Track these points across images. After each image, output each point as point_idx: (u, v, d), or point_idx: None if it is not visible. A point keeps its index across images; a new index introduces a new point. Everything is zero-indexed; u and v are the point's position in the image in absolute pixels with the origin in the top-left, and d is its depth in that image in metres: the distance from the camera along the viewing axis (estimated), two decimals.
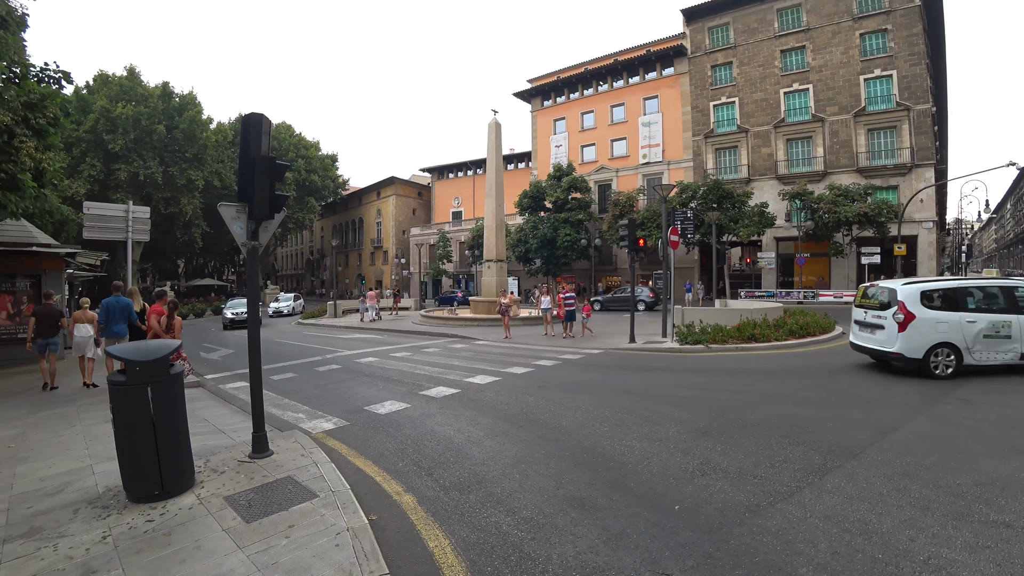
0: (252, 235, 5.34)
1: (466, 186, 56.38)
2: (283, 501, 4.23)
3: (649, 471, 4.85)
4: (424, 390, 8.82)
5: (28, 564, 3.44)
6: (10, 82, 11.35)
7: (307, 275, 74.89)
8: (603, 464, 5.08)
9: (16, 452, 5.98)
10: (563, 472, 4.90)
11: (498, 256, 24.98)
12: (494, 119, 25.54)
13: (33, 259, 13.78)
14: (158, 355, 4.34)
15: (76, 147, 37.20)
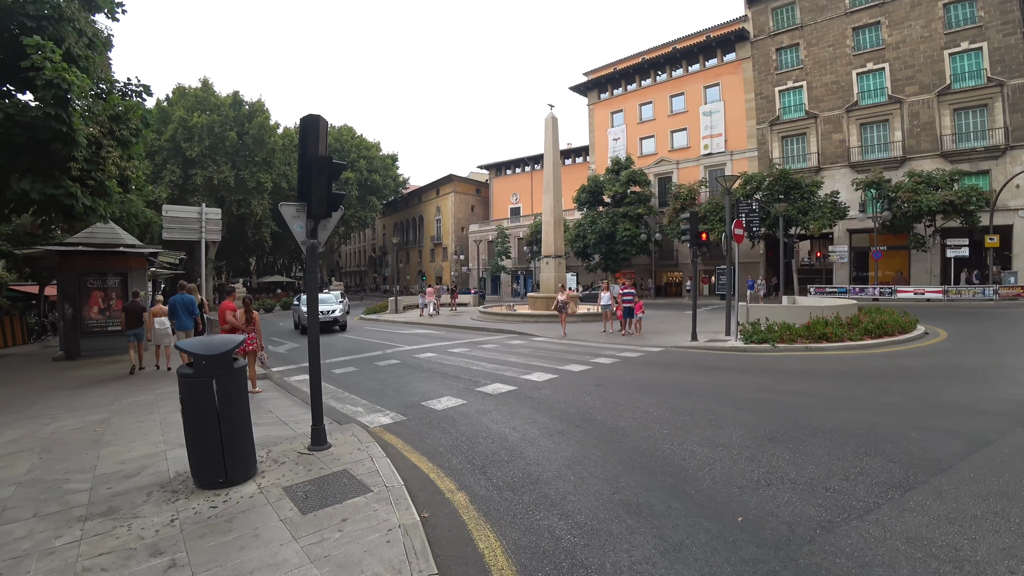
0: (311, 233, 5.46)
1: (524, 182, 56.41)
2: (338, 494, 4.29)
3: (711, 478, 4.59)
4: (480, 386, 8.82)
5: (104, 541, 3.68)
6: (98, 97, 12.27)
7: (369, 271, 77.40)
8: (662, 469, 4.86)
9: (101, 436, 6.45)
10: (620, 475, 4.72)
11: (556, 252, 24.77)
12: (550, 114, 25.33)
13: (120, 259, 14.86)
14: (223, 350, 4.52)
15: (158, 155, 40.04)
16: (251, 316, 8.82)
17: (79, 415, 7.72)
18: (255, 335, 8.77)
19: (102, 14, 12.26)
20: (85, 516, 4.13)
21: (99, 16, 12.30)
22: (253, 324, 8.79)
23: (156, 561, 3.38)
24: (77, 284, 14.47)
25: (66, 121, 9.93)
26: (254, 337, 8.76)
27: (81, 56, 11.02)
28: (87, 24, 11.58)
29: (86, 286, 14.57)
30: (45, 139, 10.00)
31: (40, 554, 3.57)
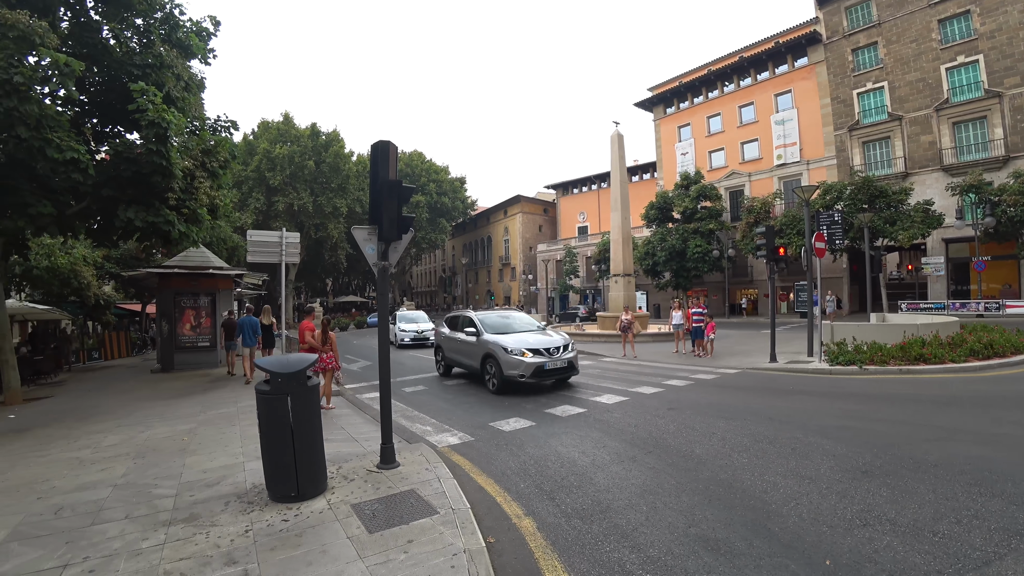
0: (382, 255, 5.60)
1: (591, 200, 56.15)
2: (404, 514, 4.28)
3: (797, 514, 4.19)
4: (549, 408, 8.66)
5: (184, 547, 3.86)
6: (192, 134, 13.41)
7: (440, 291, 79.31)
8: (742, 502, 4.50)
9: (187, 445, 6.87)
10: (695, 507, 4.42)
11: (625, 270, 24.31)
12: (616, 131, 25.12)
13: (210, 280, 16.04)
14: (297, 368, 4.68)
15: (245, 184, 43.29)
16: (327, 335, 9.14)
17: (170, 424, 8.29)
18: (332, 353, 9.07)
19: (196, 60, 13.48)
20: (170, 521, 4.37)
21: (194, 62, 13.52)
22: (330, 343, 9.09)
23: (230, 570, 3.49)
24: (173, 303, 15.73)
25: (165, 156, 10.90)
26: (331, 356, 9.06)
27: (178, 98, 12.12)
28: (183, 69, 12.75)
29: (180, 305, 15.80)
30: (147, 173, 11.00)
31: (128, 554, 3.80)
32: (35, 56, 9.57)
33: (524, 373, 9.80)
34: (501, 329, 11.37)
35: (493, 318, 12.16)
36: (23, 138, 9.34)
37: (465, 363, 11.82)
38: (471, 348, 11.34)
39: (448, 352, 12.74)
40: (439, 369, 13.33)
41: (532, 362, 9.81)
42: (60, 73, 9.60)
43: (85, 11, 12.00)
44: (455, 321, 12.79)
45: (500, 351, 10.17)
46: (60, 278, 19.04)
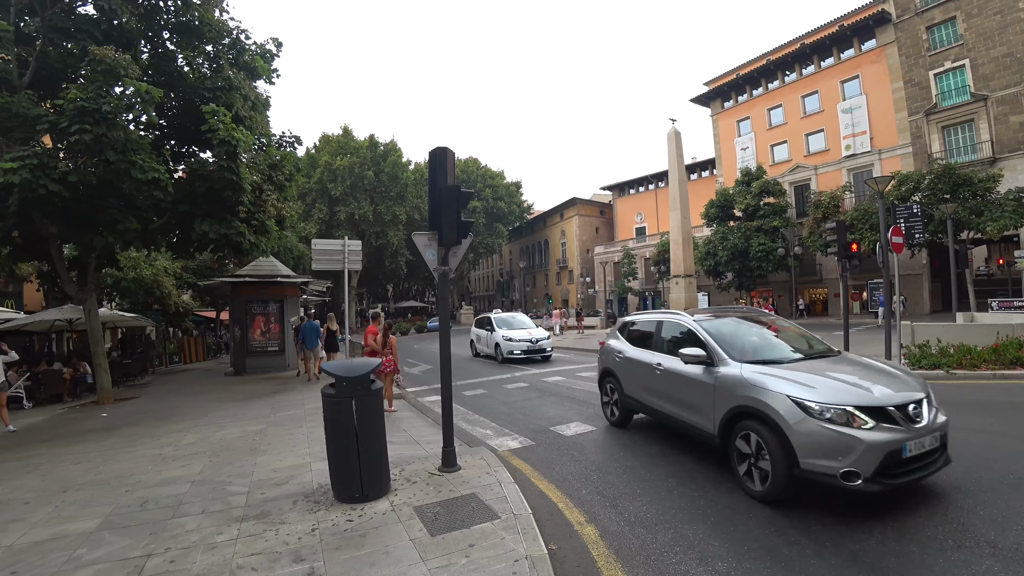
0: (442, 260, 5.69)
1: (648, 201, 55.14)
2: (466, 518, 4.30)
3: (879, 531, 3.89)
4: None
5: (256, 543, 4.04)
6: (259, 150, 14.16)
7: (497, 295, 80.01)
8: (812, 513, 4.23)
9: (258, 445, 7.22)
10: (774, 519, 4.19)
11: (686, 271, 23.61)
12: (672, 128, 24.49)
13: (278, 287, 16.85)
14: (361, 372, 4.81)
15: (308, 196, 45.42)
16: (387, 341, 9.36)
17: (242, 425, 8.74)
18: (391, 357, 9.28)
19: (261, 80, 14.25)
20: (242, 517, 4.58)
21: (259, 82, 14.30)
22: (390, 347, 9.30)
23: (297, 567, 3.61)
24: (244, 310, 16.63)
25: (235, 172, 11.58)
26: (391, 359, 9.27)
27: (246, 117, 12.84)
28: (250, 90, 13.52)
29: (251, 312, 16.69)
30: (219, 188, 11.71)
31: (204, 547, 4.02)
32: (120, 86, 10.38)
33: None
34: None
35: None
36: (111, 161, 10.15)
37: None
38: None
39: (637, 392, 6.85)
40: (609, 415, 7.69)
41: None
42: (142, 100, 10.39)
43: (162, 43, 12.96)
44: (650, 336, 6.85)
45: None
46: (145, 288, 20.63)
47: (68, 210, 10.81)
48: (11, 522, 4.87)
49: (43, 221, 11.12)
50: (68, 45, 11.32)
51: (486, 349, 18.57)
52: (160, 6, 12.27)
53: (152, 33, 12.59)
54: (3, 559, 4.07)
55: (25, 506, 5.33)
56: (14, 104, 10.04)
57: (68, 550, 4.13)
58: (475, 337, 19.95)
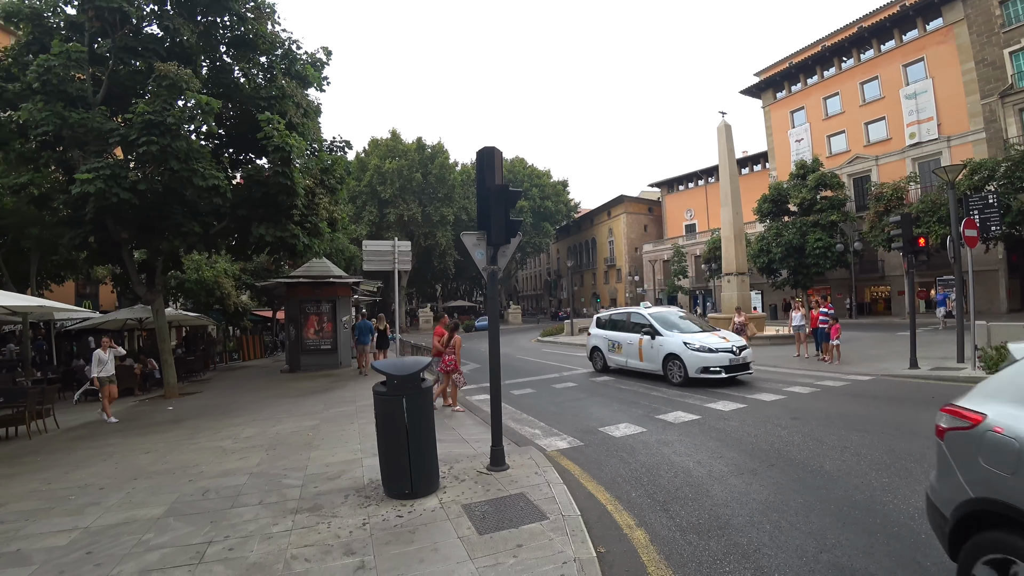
0: (491, 260, 5.71)
1: (698, 197, 53.78)
2: (514, 518, 4.28)
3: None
4: (660, 414, 8.33)
5: (309, 534, 4.17)
6: (311, 155, 14.66)
7: (545, 295, 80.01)
8: (884, 528, 3.96)
9: (312, 440, 7.45)
10: (827, 530, 3.96)
11: (738, 269, 22.87)
12: (722, 121, 23.77)
13: (331, 288, 17.39)
14: (412, 371, 4.87)
15: (359, 199, 46.79)
16: (451, 341, 9.49)
17: (296, 420, 9.06)
18: (453, 356, 9.37)
19: (312, 88, 14.74)
20: (296, 509, 4.73)
21: (310, 90, 14.79)
22: (453, 346, 9.40)
23: (348, 560, 3.69)
24: (299, 309, 17.24)
25: (289, 177, 12.04)
26: (452, 358, 9.35)
27: (299, 124, 13.32)
28: (302, 98, 14.02)
29: (305, 311, 17.30)
30: (274, 193, 12.21)
31: (261, 537, 4.17)
32: (182, 99, 10.99)
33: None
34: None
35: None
36: (175, 170, 10.77)
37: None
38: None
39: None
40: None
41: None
42: (202, 112, 10.98)
43: (220, 57, 13.64)
44: None
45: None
46: (206, 289, 21.76)
47: (138, 216, 11.54)
48: (88, 506, 5.22)
49: (116, 227, 11.90)
50: (136, 63, 12.06)
51: (641, 363, 12.13)
52: (217, 22, 12.91)
53: (210, 48, 13.25)
54: (80, 539, 4.37)
55: (100, 491, 5.70)
56: (89, 119, 10.79)
57: (137, 534, 4.39)
58: (605, 344, 13.53)
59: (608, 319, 14.07)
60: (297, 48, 14.22)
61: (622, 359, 12.81)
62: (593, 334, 14.16)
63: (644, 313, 12.58)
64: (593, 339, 14.13)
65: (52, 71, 10.43)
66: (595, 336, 14.05)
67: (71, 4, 11.84)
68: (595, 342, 13.99)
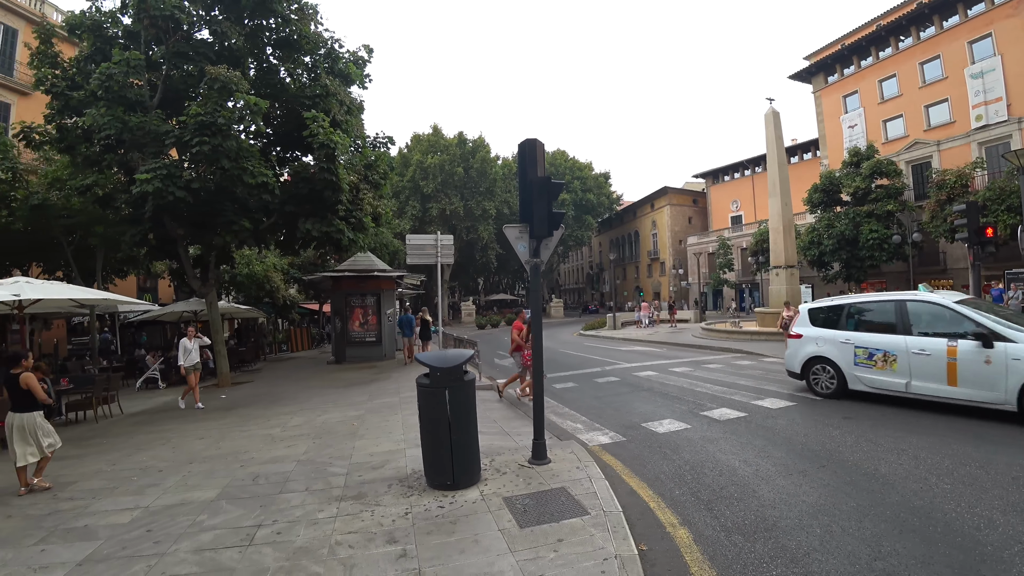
0: (534, 252, 5.69)
1: (744, 188, 52.13)
2: (555, 512, 4.27)
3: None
4: (705, 410, 8.14)
5: (353, 522, 4.28)
6: (355, 151, 14.97)
7: (587, 288, 79.51)
8: (945, 537, 3.72)
9: (356, 430, 7.65)
10: (883, 537, 3.76)
11: (787, 262, 22.08)
12: (770, 109, 22.93)
13: (375, 281, 17.79)
14: (455, 363, 4.92)
15: (402, 194, 47.63)
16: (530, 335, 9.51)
17: (342, 410, 9.32)
18: None
19: (355, 86, 15.02)
20: (341, 497, 4.87)
21: (353, 88, 15.06)
22: None
23: (390, 548, 3.77)
24: (344, 302, 17.71)
25: (334, 173, 12.35)
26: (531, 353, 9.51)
27: (342, 121, 13.62)
28: (345, 95, 14.31)
29: (350, 304, 17.75)
30: (320, 189, 12.54)
31: (307, 522, 4.31)
32: (231, 101, 11.41)
33: None
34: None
35: None
36: (226, 168, 11.20)
37: None
38: None
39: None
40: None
41: None
42: (251, 112, 11.39)
43: (266, 58, 14.09)
44: None
45: None
46: (256, 283, 22.63)
47: (192, 214, 12.09)
48: (148, 487, 5.54)
49: (172, 224, 12.49)
50: (188, 68, 12.59)
51: (951, 390, 7.11)
52: (263, 25, 13.33)
53: (257, 50, 13.70)
54: (141, 518, 4.65)
55: (159, 473, 6.04)
56: (147, 123, 11.36)
57: (192, 515, 4.63)
58: (846, 353, 8.35)
59: (845, 309, 8.79)
60: (339, 47, 14.53)
61: (892, 379, 7.76)
62: (808, 335, 8.99)
63: (950, 304, 7.36)
64: (810, 344, 8.91)
65: (113, 78, 11.02)
66: (816, 339, 8.83)
67: (128, 14, 12.45)
68: (819, 349, 8.73)
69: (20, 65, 21.13)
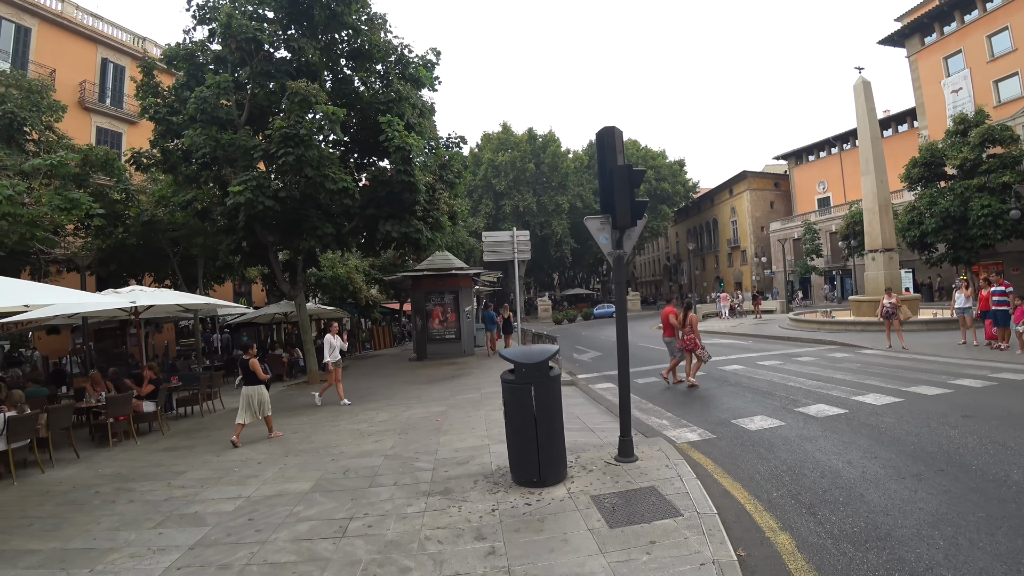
0: (616, 244, 5.52)
1: (831, 167, 48.37)
2: (645, 512, 4.09)
3: None
4: (800, 407, 7.58)
5: (441, 517, 4.31)
6: (429, 153, 15.31)
7: (664, 280, 77.32)
8: None
9: (441, 425, 7.79)
10: (1021, 554, 3.27)
11: (885, 244, 20.19)
12: (859, 79, 21.05)
13: (453, 279, 18.19)
14: (541, 359, 4.84)
15: (475, 192, 48.63)
16: (687, 319, 9.77)
17: (425, 406, 9.55)
18: (693, 335, 9.65)
19: (426, 89, 15.34)
20: (428, 492, 4.93)
21: (424, 91, 15.39)
22: (690, 324, 9.68)
23: (479, 545, 3.75)
24: (424, 301, 18.22)
25: (411, 175, 12.70)
26: (692, 337, 9.65)
27: (416, 124, 13.97)
28: (417, 99, 14.69)
29: (430, 302, 18.26)
30: (398, 191, 12.94)
31: (397, 517, 4.39)
32: (311, 112, 12.01)
33: None
34: None
35: None
36: (309, 176, 11.83)
37: None
38: None
39: None
40: None
41: None
42: (330, 121, 11.95)
43: (340, 69, 14.73)
44: None
45: None
46: (340, 284, 23.80)
47: (280, 221, 12.89)
48: (249, 477, 5.91)
49: (262, 232, 13.36)
50: (270, 85, 13.38)
51: None
52: (336, 38, 13.96)
53: (331, 62, 14.35)
54: (244, 507, 4.95)
55: (258, 465, 6.43)
56: (237, 139, 12.23)
57: (289, 506, 4.86)
58: None
59: None
60: (409, 52, 14.88)
61: None
62: None
63: None
64: None
65: (207, 100, 11.97)
66: None
67: (215, 41, 13.48)
68: None
69: (128, 97, 23.59)
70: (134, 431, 8.78)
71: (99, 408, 8.70)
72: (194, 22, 13.60)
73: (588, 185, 52.81)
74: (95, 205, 11.82)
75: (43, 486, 6.26)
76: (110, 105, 23.88)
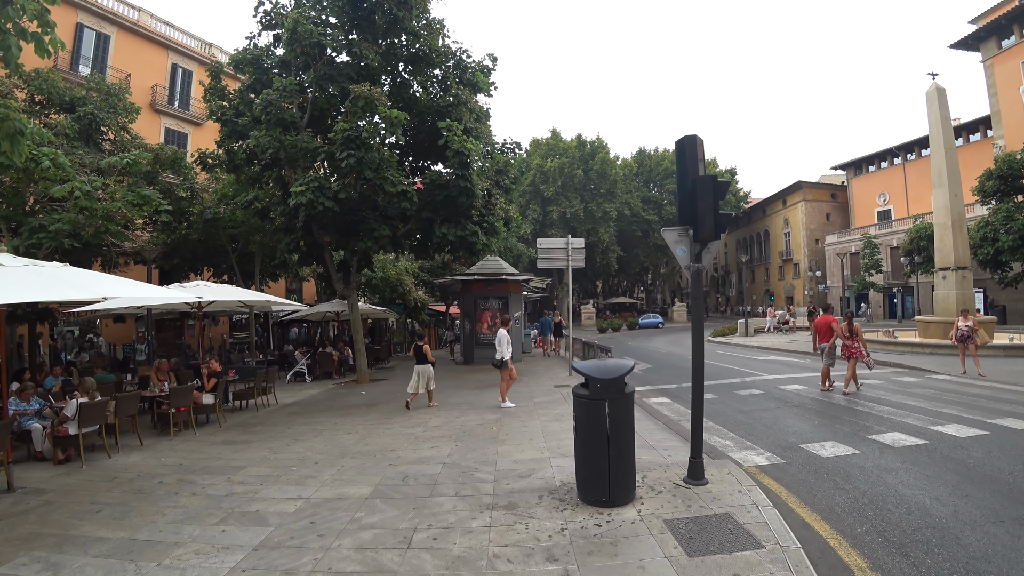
0: (696, 257, 5.26)
1: (894, 178, 45.81)
2: (724, 542, 3.79)
3: None
4: (873, 434, 7.02)
5: (508, 534, 4.11)
6: (486, 157, 15.30)
7: (712, 292, 75.29)
8: None
9: (496, 434, 7.60)
10: None
11: (958, 262, 18.80)
12: (933, 85, 19.75)
13: (503, 285, 18.10)
14: (616, 374, 4.60)
15: (523, 197, 48.69)
16: (853, 328, 10.27)
17: (479, 413, 9.41)
18: (858, 343, 10.17)
19: (482, 94, 15.36)
20: (492, 505, 4.73)
21: (480, 96, 15.41)
22: (856, 333, 10.21)
23: (551, 567, 3.53)
24: (473, 305, 18.16)
25: (468, 179, 12.69)
26: (857, 345, 10.16)
27: (473, 128, 13.98)
28: (474, 104, 14.73)
29: (479, 307, 18.16)
30: (455, 195, 12.94)
31: (462, 530, 4.20)
32: (373, 115, 12.15)
33: None
34: None
35: None
36: (368, 178, 11.94)
37: None
38: None
39: None
40: None
41: None
42: (390, 124, 12.02)
43: (399, 73, 14.91)
44: None
45: None
46: (390, 286, 24.07)
47: (338, 222, 13.10)
48: (307, 478, 5.85)
49: (320, 232, 13.60)
50: (331, 89, 13.63)
51: None
52: (395, 43, 14.11)
53: (390, 67, 14.52)
54: (304, 509, 4.87)
55: (315, 465, 6.39)
56: (299, 141, 12.48)
57: (350, 511, 4.75)
58: None
59: None
60: (467, 57, 14.91)
61: None
62: None
63: None
64: None
65: (272, 103, 12.30)
66: None
67: (279, 46, 13.89)
68: None
69: (194, 100, 24.85)
70: (194, 422, 9.01)
71: (162, 397, 8.98)
72: (260, 28, 14.04)
73: (636, 193, 52.21)
74: (164, 202, 12.30)
75: (110, 472, 6.44)
76: (178, 107, 25.18)
